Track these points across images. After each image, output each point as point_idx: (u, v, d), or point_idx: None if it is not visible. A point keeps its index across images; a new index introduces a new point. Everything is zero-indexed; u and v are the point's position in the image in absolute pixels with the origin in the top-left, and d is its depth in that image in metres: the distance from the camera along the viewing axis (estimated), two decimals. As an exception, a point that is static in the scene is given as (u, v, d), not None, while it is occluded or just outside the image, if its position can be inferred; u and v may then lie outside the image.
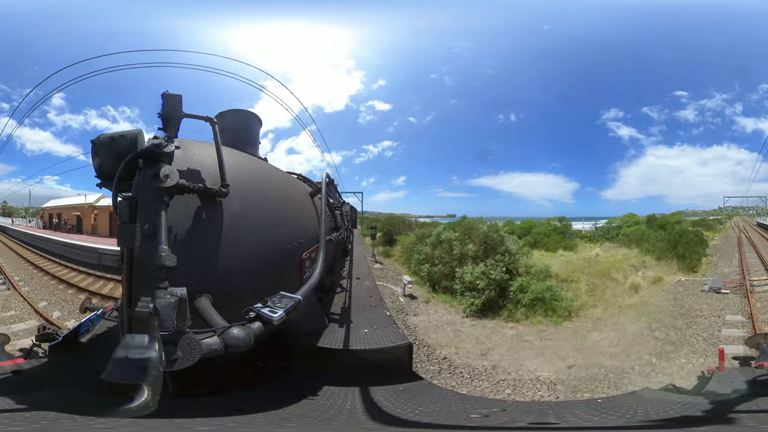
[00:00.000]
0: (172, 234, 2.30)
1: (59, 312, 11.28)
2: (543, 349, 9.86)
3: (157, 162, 2.23)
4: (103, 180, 2.71)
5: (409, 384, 3.44)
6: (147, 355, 1.48)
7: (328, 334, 3.92)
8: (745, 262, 19.34)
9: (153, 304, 1.64)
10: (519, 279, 13.84)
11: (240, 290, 2.62)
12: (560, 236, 33.10)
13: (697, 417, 2.73)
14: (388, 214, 52.27)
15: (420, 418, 2.75)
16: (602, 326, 11.04)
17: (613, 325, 11.02)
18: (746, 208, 67.29)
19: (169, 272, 1.95)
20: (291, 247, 3.25)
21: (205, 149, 2.83)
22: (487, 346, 9.84)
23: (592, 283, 16.35)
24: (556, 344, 10.20)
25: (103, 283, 15.06)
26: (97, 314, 4.93)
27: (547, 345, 10.19)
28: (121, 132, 2.65)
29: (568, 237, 34.51)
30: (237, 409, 2.66)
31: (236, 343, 1.92)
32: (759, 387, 3.34)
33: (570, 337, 10.64)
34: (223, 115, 4.37)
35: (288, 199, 3.63)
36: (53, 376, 3.64)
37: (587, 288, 15.61)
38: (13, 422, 2.24)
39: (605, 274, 18.09)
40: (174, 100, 2.46)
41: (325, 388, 3.11)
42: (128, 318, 2.16)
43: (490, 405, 3.62)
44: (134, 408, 1.38)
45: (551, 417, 2.93)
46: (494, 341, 10.32)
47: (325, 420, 2.63)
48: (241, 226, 2.73)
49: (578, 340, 10.30)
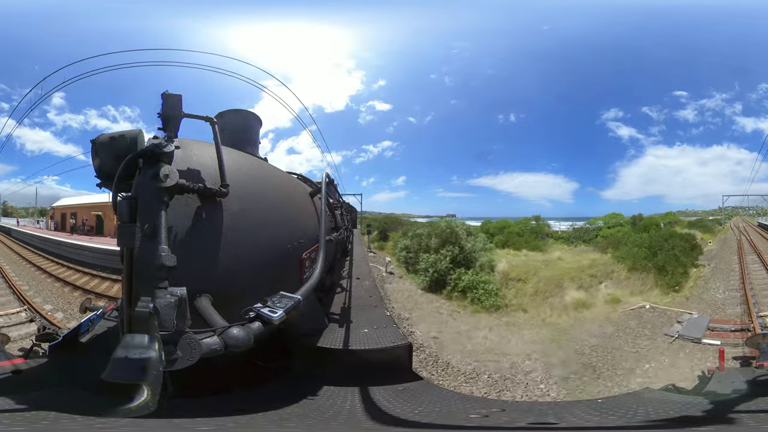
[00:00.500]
0: (172, 234, 2.30)
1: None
2: (444, 320, 12.19)
3: (157, 162, 2.23)
4: (103, 180, 2.71)
5: (408, 384, 3.44)
6: (147, 355, 1.48)
7: (328, 334, 3.92)
8: (747, 277, 13.92)
9: (153, 304, 1.64)
10: (458, 270, 16.86)
11: (240, 290, 2.62)
12: (532, 236, 32.01)
13: (697, 417, 2.73)
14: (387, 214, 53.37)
15: (420, 418, 2.75)
16: (503, 329, 11.58)
17: (513, 333, 11.04)
18: (746, 208, 67.13)
19: (169, 272, 1.95)
20: (291, 247, 3.25)
21: (205, 149, 2.83)
22: (417, 306, 13.45)
23: (539, 287, 16.49)
24: (454, 323, 12.01)
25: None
26: (97, 314, 4.93)
27: (449, 320, 12.26)
28: (120, 132, 2.65)
29: (541, 237, 33.64)
30: (237, 409, 2.66)
31: (236, 343, 1.92)
32: (759, 387, 3.35)
33: (469, 323, 12.08)
34: (223, 115, 4.38)
35: (288, 199, 3.63)
36: (53, 376, 3.64)
37: (533, 290, 16.29)
38: (14, 422, 2.24)
39: (555, 281, 16.77)
40: (174, 100, 2.46)
41: (325, 388, 3.11)
42: (128, 318, 2.16)
43: (490, 405, 3.62)
44: (134, 408, 1.38)
45: (551, 417, 2.93)
46: (424, 306, 13.73)
47: (325, 420, 2.63)
48: (241, 226, 2.73)
49: (471, 328, 11.37)
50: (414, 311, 12.47)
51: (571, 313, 12.90)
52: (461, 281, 15.92)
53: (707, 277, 15.99)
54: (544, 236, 34.95)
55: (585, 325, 10.92)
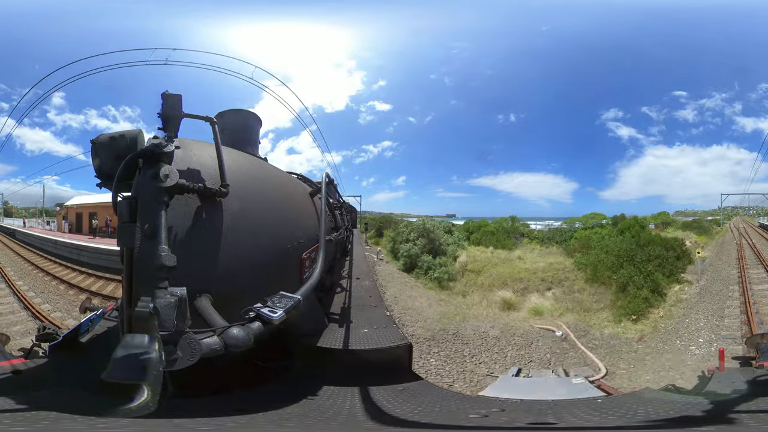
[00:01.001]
0: (172, 234, 2.30)
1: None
2: (405, 289, 16.71)
3: (157, 162, 2.23)
4: (103, 180, 2.72)
5: (408, 384, 3.44)
6: (147, 355, 1.48)
7: (328, 334, 3.92)
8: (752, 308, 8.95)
9: (153, 304, 1.64)
10: (426, 257, 22.01)
11: (240, 290, 2.62)
12: (504, 235, 32.10)
13: (697, 417, 2.73)
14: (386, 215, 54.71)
15: (419, 418, 2.75)
16: (434, 300, 15.23)
17: (438, 304, 14.40)
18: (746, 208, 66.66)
19: (169, 272, 1.95)
20: (291, 247, 3.25)
21: (205, 149, 2.83)
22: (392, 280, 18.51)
23: (486, 281, 18.12)
24: (410, 290, 16.58)
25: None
26: (97, 314, 4.93)
27: (407, 289, 16.64)
28: (120, 132, 2.66)
29: (515, 237, 33.35)
30: (237, 409, 2.66)
31: (236, 343, 1.92)
32: (759, 387, 3.35)
33: (420, 292, 16.59)
34: (223, 115, 4.37)
35: (288, 199, 3.63)
36: (53, 376, 3.64)
37: (481, 282, 18.43)
38: (14, 422, 2.24)
39: (503, 279, 17.26)
40: (174, 99, 2.46)
41: (325, 388, 3.11)
42: (128, 318, 2.16)
43: (490, 405, 3.62)
44: (134, 408, 1.38)
45: (550, 417, 2.93)
46: (397, 280, 18.87)
47: (325, 420, 2.63)
48: (241, 226, 2.73)
49: (418, 295, 15.81)
50: (389, 282, 17.24)
51: (492, 308, 13.93)
52: (425, 264, 21.15)
53: (691, 302, 11.37)
54: (517, 236, 34.65)
55: (484, 320, 11.58)
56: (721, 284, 12.72)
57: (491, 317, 12.11)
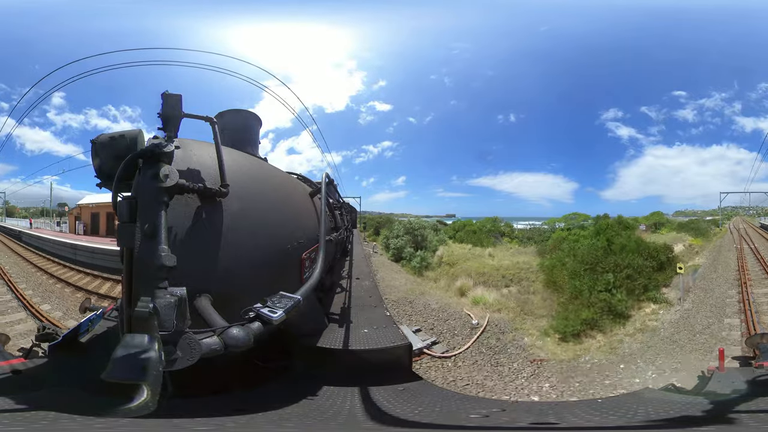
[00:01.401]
0: (172, 234, 2.30)
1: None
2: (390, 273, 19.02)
3: (157, 162, 2.23)
4: (103, 180, 2.71)
5: (408, 384, 3.44)
6: (147, 355, 1.48)
7: (328, 334, 3.92)
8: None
9: (153, 304, 1.64)
10: (409, 250, 25.82)
11: (240, 290, 2.62)
12: (484, 234, 34.22)
13: (697, 417, 2.73)
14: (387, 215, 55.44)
15: (420, 418, 2.75)
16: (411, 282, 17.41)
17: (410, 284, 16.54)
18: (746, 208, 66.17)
19: (169, 272, 1.95)
20: (291, 247, 3.25)
21: (205, 149, 2.83)
22: (383, 266, 21.05)
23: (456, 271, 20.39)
24: (395, 274, 18.97)
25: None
26: (97, 314, 4.93)
27: (392, 273, 18.99)
28: (120, 132, 2.65)
29: (495, 236, 35.33)
30: (237, 409, 2.66)
31: (236, 343, 1.92)
32: (759, 387, 3.35)
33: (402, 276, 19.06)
34: (223, 115, 4.38)
35: (288, 199, 3.63)
36: (53, 376, 3.63)
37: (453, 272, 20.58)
38: (13, 422, 2.24)
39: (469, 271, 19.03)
40: (174, 99, 2.46)
41: (325, 388, 3.11)
42: (128, 318, 2.16)
43: (490, 405, 3.62)
44: (134, 408, 1.38)
45: (551, 417, 2.93)
46: (387, 267, 21.70)
47: (325, 420, 2.63)
48: (241, 226, 2.73)
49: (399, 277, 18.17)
50: (380, 268, 19.72)
51: (449, 292, 15.78)
52: (407, 255, 25.07)
53: (658, 335, 7.82)
54: (497, 235, 36.42)
55: (434, 297, 13.39)
56: (710, 312, 8.88)
57: (440, 297, 13.68)
